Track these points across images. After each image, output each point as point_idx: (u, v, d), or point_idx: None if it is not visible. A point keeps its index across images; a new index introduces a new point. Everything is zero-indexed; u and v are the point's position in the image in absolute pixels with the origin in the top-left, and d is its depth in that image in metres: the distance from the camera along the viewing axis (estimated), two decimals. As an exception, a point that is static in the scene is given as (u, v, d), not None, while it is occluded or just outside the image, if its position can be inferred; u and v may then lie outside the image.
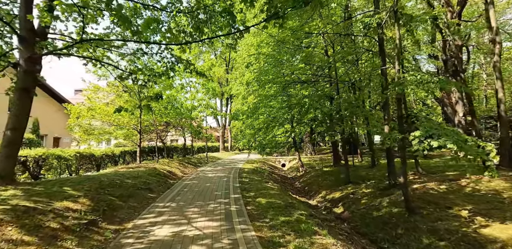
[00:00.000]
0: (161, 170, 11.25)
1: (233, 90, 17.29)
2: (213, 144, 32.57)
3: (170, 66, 8.92)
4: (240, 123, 17.97)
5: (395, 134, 5.95)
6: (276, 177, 15.33)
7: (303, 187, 13.34)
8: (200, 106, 17.30)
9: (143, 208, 6.22)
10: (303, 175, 16.11)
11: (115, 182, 7.35)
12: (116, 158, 15.05)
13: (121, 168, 11.04)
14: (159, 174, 10.44)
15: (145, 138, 16.56)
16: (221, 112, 20.98)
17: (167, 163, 13.96)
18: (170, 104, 14.59)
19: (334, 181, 12.04)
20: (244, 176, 11.87)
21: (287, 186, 13.33)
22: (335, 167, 15.51)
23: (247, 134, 16.74)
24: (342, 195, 9.91)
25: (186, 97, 17.93)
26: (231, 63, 33.37)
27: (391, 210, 7.07)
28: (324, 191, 11.17)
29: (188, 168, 14.77)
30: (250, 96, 15.13)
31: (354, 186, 10.40)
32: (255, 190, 8.55)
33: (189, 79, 19.32)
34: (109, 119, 11.78)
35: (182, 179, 10.93)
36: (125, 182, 7.71)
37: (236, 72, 17.01)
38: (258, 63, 10.83)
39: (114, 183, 7.28)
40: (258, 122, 12.94)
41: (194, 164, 16.99)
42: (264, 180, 11.26)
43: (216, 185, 9.63)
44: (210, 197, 7.44)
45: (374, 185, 9.76)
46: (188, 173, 13.18)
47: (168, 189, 8.66)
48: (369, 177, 11.13)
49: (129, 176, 8.70)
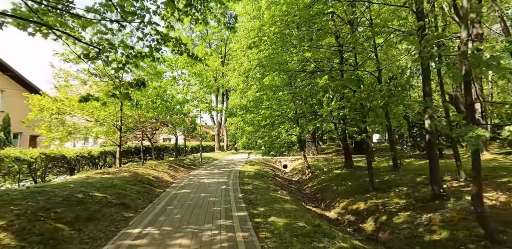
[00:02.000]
0: (145, 175, 9.22)
1: (231, 83, 15.29)
2: (208, 144, 30.50)
3: (155, 46, 6.95)
4: (238, 119, 16.02)
5: (474, 130, 4.07)
6: (281, 181, 13.41)
7: (314, 194, 11.46)
8: (193, 100, 15.24)
9: (106, 239, 4.21)
10: (310, 178, 14.24)
11: (74, 197, 5.32)
12: (95, 160, 12.95)
13: (95, 173, 8.97)
14: (142, 181, 8.41)
15: (129, 136, 14.45)
16: (217, 107, 18.95)
17: (155, 166, 11.91)
18: (159, 97, 12.52)
19: (352, 187, 10.18)
20: (246, 182, 9.92)
21: (295, 193, 11.43)
22: (347, 169, 13.69)
23: (247, 132, 14.79)
24: (369, 206, 8.05)
25: (177, 91, 15.86)
26: (227, 57, 31.33)
27: (453, 232, 5.22)
28: (343, 200, 9.30)
29: (179, 172, 12.74)
30: (250, 89, 13.18)
31: (381, 194, 8.57)
32: (265, 204, 6.61)
33: (180, 71, 17.28)
34: (81, 113, 9.67)
35: (171, 187, 8.92)
36: (90, 196, 5.69)
37: (233, 62, 15.07)
38: (263, 43, 8.88)
39: (73, 198, 5.25)
40: (261, 118, 10.97)
41: (187, 166, 14.95)
42: (271, 187, 9.33)
43: (214, 195, 7.66)
44: (206, 217, 5.47)
45: (407, 194, 7.93)
46: (179, 178, 11.16)
47: (150, 203, 6.64)
48: (396, 183, 9.31)
49: (100, 186, 6.66)
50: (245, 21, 14.66)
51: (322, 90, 5.91)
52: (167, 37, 7.01)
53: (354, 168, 13.77)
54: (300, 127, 12.26)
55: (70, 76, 10.06)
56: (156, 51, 6.94)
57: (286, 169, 21.67)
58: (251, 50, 14.16)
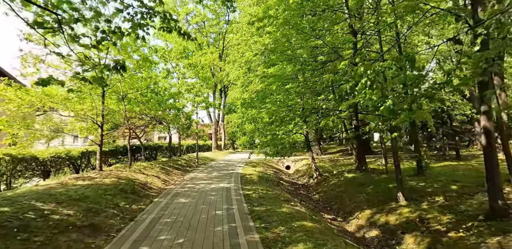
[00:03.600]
0: (130, 181, 7.67)
1: (231, 76, 13.74)
2: (205, 143, 28.93)
3: (138, 21, 5.42)
4: (238, 115, 14.51)
5: None
6: (288, 186, 11.95)
7: (328, 202, 10.01)
8: (188, 93, 13.68)
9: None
10: (319, 182, 12.80)
11: (17, 219, 3.78)
12: (76, 162, 11.33)
13: (69, 179, 7.39)
14: (125, 189, 6.86)
15: (115, 135, 12.85)
16: (214, 102, 17.36)
17: (144, 168, 10.35)
18: (149, 89, 10.94)
19: (373, 194, 8.75)
20: (250, 189, 8.43)
21: (305, 200, 9.98)
22: (360, 172, 12.28)
23: (248, 130, 13.30)
24: (402, 221, 6.61)
25: (171, 84, 14.27)
26: (225, 52, 29.70)
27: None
28: (365, 211, 7.86)
29: (172, 175, 11.19)
30: (252, 83, 11.67)
31: (413, 205, 7.15)
32: (279, 222, 5.13)
33: (175, 63, 15.67)
34: (50, 104, 8.05)
35: (161, 196, 7.38)
36: (43, 216, 4.14)
37: (234, 51, 13.53)
38: (270, 23, 7.37)
39: (15, 221, 3.71)
40: (267, 114, 9.47)
41: (182, 168, 13.41)
42: (281, 196, 7.85)
43: (213, 207, 6.16)
44: (204, 244, 3.97)
45: (449, 207, 6.53)
46: (173, 183, 9.61)
47: (131, 221, 5.10)
48: (427, 191, 7.91)
49: (66, 199, 5.12)
50: (247, 6, 13.13)
51: (358, 75, 4.41)
52: (153, 11, 5.47)
53: (368, 171, 12.36)
54: (307, 124, 10.82)
55: (42, 64, 8.43)
56: (140, 28, 5.42)
57: (289, 170, 20.24)
58: (255, 38, 12.66)
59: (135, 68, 10.60)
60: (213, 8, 27.91)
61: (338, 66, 6.70)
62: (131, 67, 10.35)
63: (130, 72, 10.40)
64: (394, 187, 8.96)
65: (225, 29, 29.50)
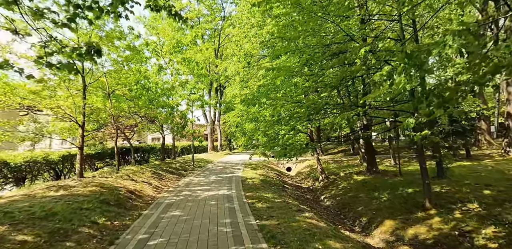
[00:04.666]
0: (115, 190, 6.53)
1: (229, 70, 12.67)
2: (201, 144, 27.70)
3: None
4: (236, 113, 13.46)
5: None
6: (293, 190, 10.93)
7: (339, 208, 9.01)
8: (183, 88, 12.55)
9: None
10: (326, 185, 11.83)
11: None
12: (57, 166, 10.11)
13: (41, 188, 6.20)
14: (107, 200, 5.74)
15: (99, 135, 11.68)
16: (210, 100, 16.16)
17: (134, 173, 9.20)
18: (139, 84, 9.81)
19: (392, 200, 7.80)
20: (254, 196, 7.38)
21: (314, 206, 8.97)
22: (371, 174, 11.34)
23: (249, 129, 12.27)
24: (436, 233, 5.65)
25: (164, 81, 13.10)
26: (221, 50, 28.60)
27: None
28: (387, 220, 6.88)
29: (166, 180, 10.06)
30: (254, 77, 10.65)
31: (445, 213, 6.20)
32: (297, 242, 4.12)
33: (168, 58, 14.53)
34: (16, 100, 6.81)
35: (151, 208, 6.26)
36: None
37: (232, 45, 12.44)
38: (282, 4, 6.34)
39: None
40: (274, 110, 8.43)
41: (176, 172, 12.27)
42: (291, 205, 6.81)
43: (214, 222, 5.09)
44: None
45: (493, 216, 5.59)
46: (166, 190, 8.49)
47: (112, 245, 4.00)
48: (457, 197, 6.98)
49: (24, 217, 3.99)
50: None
51: (402, 57, 3.41)
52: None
53: (379, 173, 11.44)
54: (312, 122, 9.80)
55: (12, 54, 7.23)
56: (122, 5, 4.41)
57: (290, 172, 19.23)
58: (255, 30, 11.61)
59: (123, 60, 9.45)
60: (208, 3, 26.85)
61: (358, 53, 5.71)
62: (119, 61, 9.20)
63: (118, 65, 9.27)
64: (415, 192, 8.04)
65: (221, 26, 28.42)
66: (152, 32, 19.53)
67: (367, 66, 6.60)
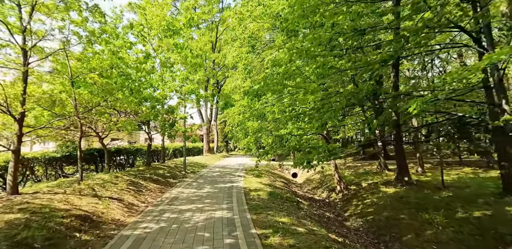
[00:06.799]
0: (51, 218, 4.24)
1: (229, 57, 10.45)
2: (195, 145, 25.36)
3: None
4: (238, 109, 11.27)
5: None
6: (309, 207, 8.70)
7: (375, 234, 6.78)
8: (173, 79, 10.29)
9: None
10: (347, 199, 9.63)
11: None
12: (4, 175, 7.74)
13: None
14: (28, 241, 3.45)
15: (56, 134, 9.36)
16: (207, 93, 13.76)
17: (102, 184, 6.90)
18: (115, 66, 7.57)
19: (461, 230, 5.60)
20: (266, 223, 5.12)
21: (337, 228, 6.75)
22: (402, 186, 9.14)
23: (252, 129, 10.09)
24: None
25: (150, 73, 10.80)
26: (218, 44, 26.35)
27: None
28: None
29: (145, 194, 7.76)
30: (263, 61, 8.50)
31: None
32: None
33: (156, 43, 12.28)
34: None
35: (112, 244, 3.99)
36: None
37: (236, 24, 10.26)
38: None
39: None
40: (282, 106, 6.24)
41: (163, 180, 9.96)
42: (324, 240, 4.58)
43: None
44: None
45: None
46: (142, 210, 6.18)
47: None
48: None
49: None
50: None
51: None
52: None
53: (413, 184, 9.25)
54: (322, 121, 7.65)
55: None
56: None
57: (296, 178, 16.99)
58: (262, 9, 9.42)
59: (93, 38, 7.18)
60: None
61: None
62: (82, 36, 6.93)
63: (82, 41, 7.00)
64: (488, 217, 5.85)
65: (219, 17, 26.27)
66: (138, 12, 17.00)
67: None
